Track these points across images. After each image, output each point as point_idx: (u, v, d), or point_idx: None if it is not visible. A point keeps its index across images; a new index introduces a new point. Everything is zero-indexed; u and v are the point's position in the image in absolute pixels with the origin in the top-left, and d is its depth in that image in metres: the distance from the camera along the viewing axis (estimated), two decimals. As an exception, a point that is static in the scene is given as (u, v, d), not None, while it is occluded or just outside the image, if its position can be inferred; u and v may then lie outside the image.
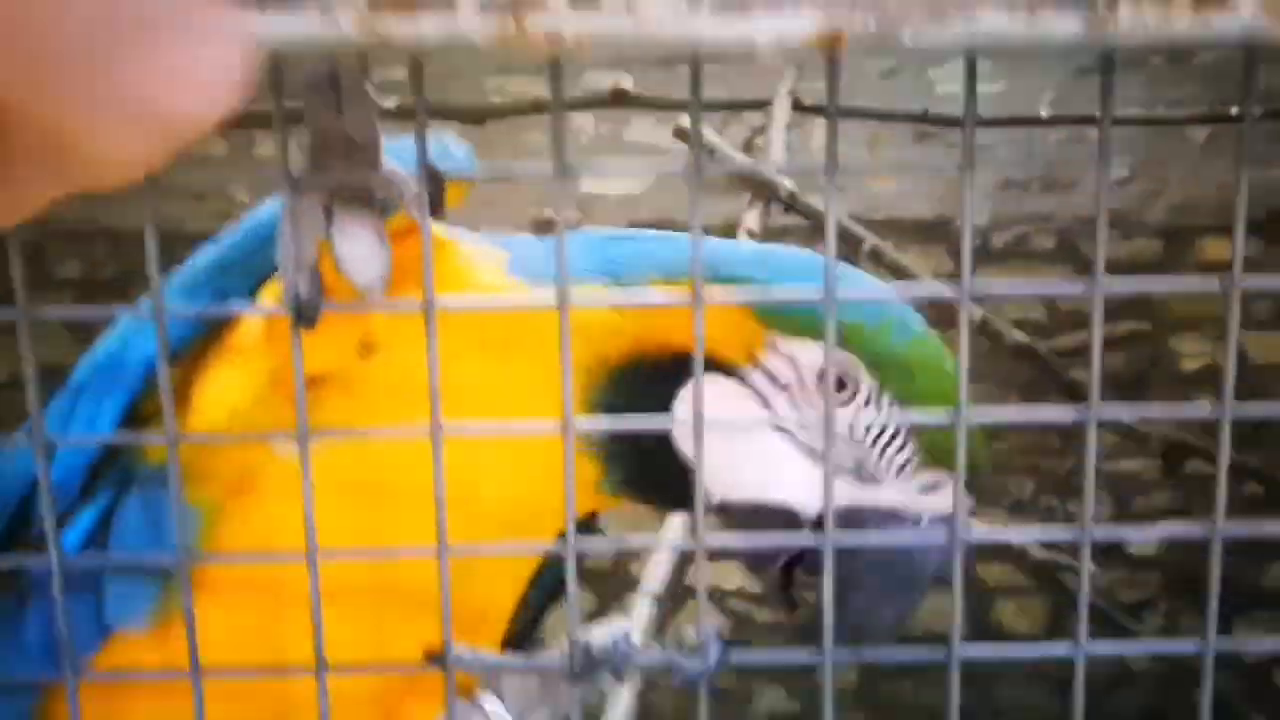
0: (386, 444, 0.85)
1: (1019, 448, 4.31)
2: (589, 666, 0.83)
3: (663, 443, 0.89)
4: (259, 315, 0.90)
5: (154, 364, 0.89)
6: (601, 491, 0.93)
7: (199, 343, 0.94)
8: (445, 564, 0.66)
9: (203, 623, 0.78)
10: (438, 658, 0.70)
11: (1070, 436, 4.25)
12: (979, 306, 3.06)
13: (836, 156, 0.59)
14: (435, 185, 0.77)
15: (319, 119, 0.72)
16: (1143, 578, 4.35)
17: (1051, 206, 4.16)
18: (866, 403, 0.89)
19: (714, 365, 0.87)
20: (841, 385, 0.88)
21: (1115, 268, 0.54)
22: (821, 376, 0.87)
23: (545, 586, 1.04)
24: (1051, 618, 4.40)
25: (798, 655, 0.65)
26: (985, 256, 4.21)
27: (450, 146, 0.95)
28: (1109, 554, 4.32)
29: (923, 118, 3.33)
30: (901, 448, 0.88)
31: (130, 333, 0.94)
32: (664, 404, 0.88)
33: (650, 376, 0.88)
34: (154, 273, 0.62)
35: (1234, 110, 3.12)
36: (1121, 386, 4.14)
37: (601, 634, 0.85)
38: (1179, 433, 3.36)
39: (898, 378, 0.88)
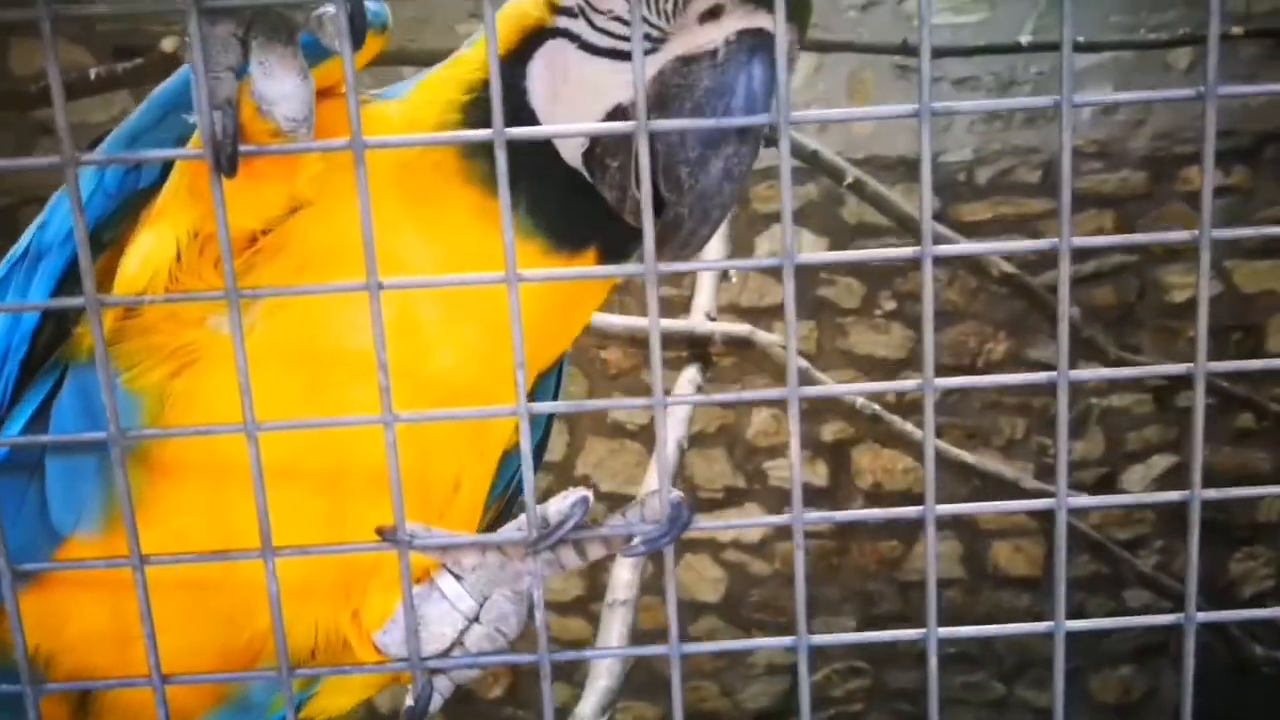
0: (330, 312, 0.83)
1: (1009, 388, 4.26)
2: (548, 538, 0.78)
3: (539, 151, 0.89)
4: (177, 159, 0.84)
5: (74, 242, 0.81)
6: (526, 238, 0.90)
7: (125, 224, 0.89)
8: (392, 433, 0.62)
9: (155, 515, 0.79)
10: (390, 535, 0.68)
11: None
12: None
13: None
14: (357, 21, 0.69)
15: None
16: (1137, 514, 4.33)
17: (1035, 140, 4.07)
18: None
19: (540, 36, 0.91)
20: None
21: (1101, 200, 0.48)
22: None
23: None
24: (1049, 558, 4.38)
25: (767, 519, 0.61)
26: (970, 191, 4.13)
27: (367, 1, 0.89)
28: (1105, 492, 4.29)
29: (902, 49, 3.21)
30: None
31: (51, 215, 0.91)
32: (518, 92, 0.90)
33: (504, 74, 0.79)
34: (62, 123, 0.58)
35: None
36: (1110, 319, 4.09)
37: (560, 504, 0.80)
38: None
39: None
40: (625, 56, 0.87)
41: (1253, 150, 4.06)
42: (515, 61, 0.91)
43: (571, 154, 0.91)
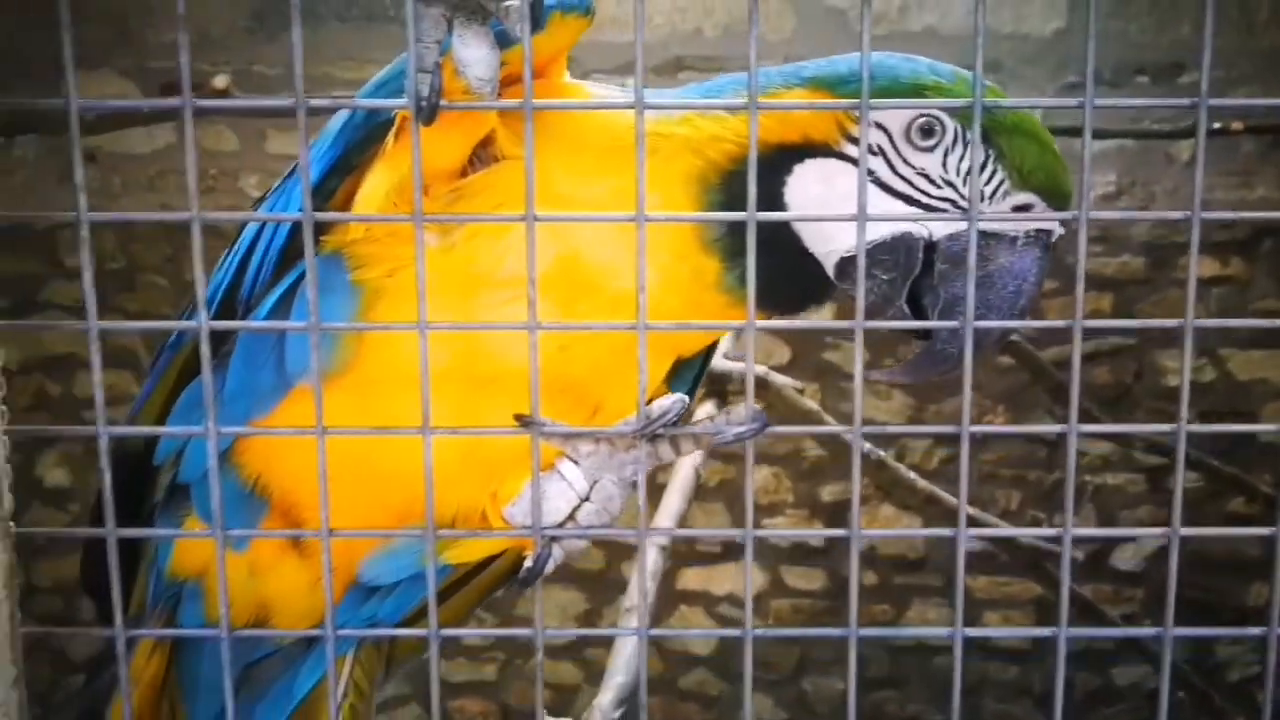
0: (513, 243, 1.00)
1: (1006, 460, 4.29)
2: (649, 428, 0.97)
3: (780, 234, 1.04)
4: (392, 109, 1.02)
5: (328, 167, 1.07)
6: (725, 291, 1.06)
7: (370, 152, 1.07)
8: (534, 341, 0.81)
9: (355, 381, 1.03)
10: (526, 421, 0.88)
11: (1056, 449, 4.22)
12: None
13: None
14: (536, 11, 0.87)
15: None
16: (1128, 593, 4.33)
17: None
18: (953, 144, 1.04)
19: (813, 149, 1.04)
20: (929, 133, 1.03)
21: (1101, 283, 0.52)
22: (909, 131, 1.03)
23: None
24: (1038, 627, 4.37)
25: (823, 531, 0.70)
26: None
27: None
28: (1096, 569, 4.30)
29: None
30: (991, 177, 1.02)
31: (316, 144, 1.09)
32: (773, 194, 1.04)
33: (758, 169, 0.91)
34: (299, 70, 0.73)
35: (1216, 126, 3.11)
36: (1106, 400, 4.12)
37: (661, 403, 0.99)
38: (1159, 452, 3.32)
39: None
40: (918, 204, 1.04)
41: (1250, 242, 4.13)
42: (777, 158, 1.04)
43: (825, 251, 1.05)
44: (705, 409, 2.65)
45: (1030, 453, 4.26)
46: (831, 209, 1.03)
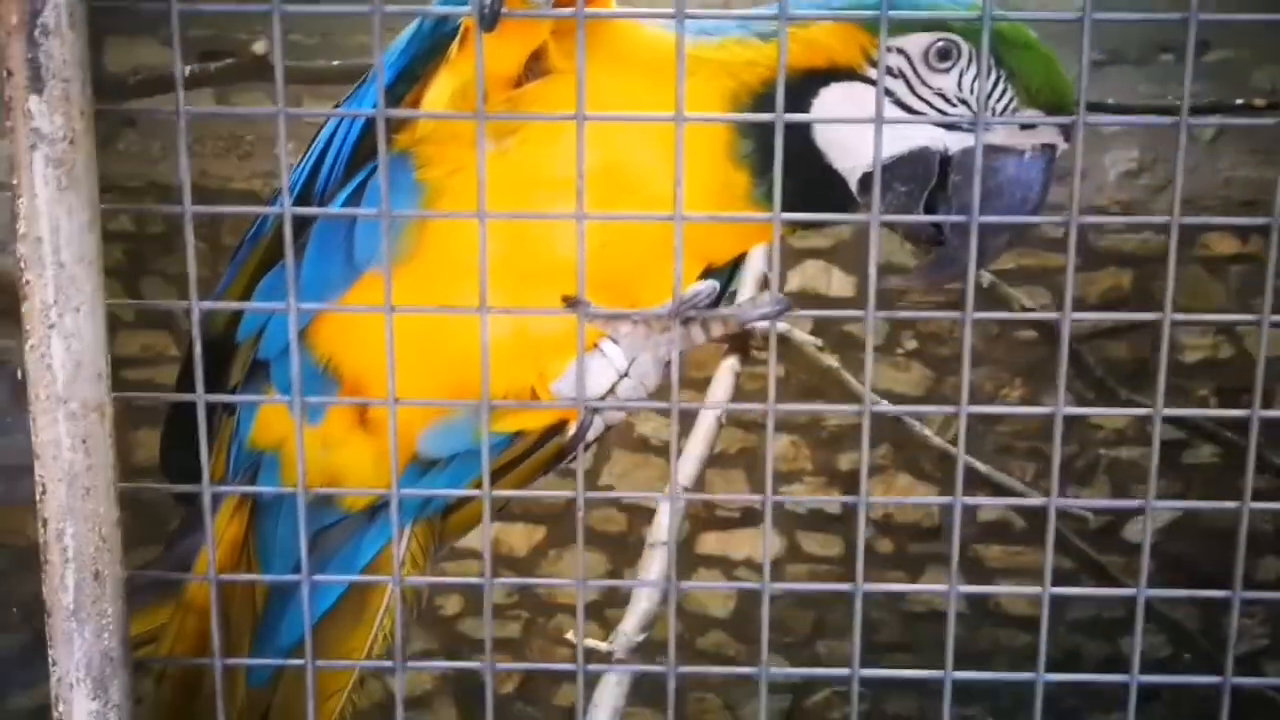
0: (565, 145, 1.06)
1: (1022, 433, 4.33)
2: (682, 309, 1.07)
3: (803, 143, 1.13)
4: (458, 16, 1.11)
5: (397, 74, 1.16)
6: (754, 203, 1.15)
7: (434, 61, 1.16)
8: (582, 230, 0.90)
9: (422, 266, 1.14)
10: (572, 301, 0.99)
11: (1071, 422, 4.26)
12: (989, 276, 3.04)
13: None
14: None
15: None
16: (1136, 564, 4.36)
17: (1059, 196, 4.14)
18: (968, 65, 1.12)
19: (839, 73, 1.13)
20: (946, 55, 1.11)
21: (1121, 259, 0.56)
22: (927, 54, 1.12)
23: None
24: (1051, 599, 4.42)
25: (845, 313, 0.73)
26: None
27: None
28: (1109, 541, 4.34)
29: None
30: (1002, 95, 1.11)
31: (389, 52, 1.17)
32: (801, 113, 1.12)
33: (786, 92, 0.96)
34: None
35: (1239, 102, 3.12)
36: (1125, 375, 4.16)
37: (693, 289, 1.09)
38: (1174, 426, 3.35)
39: (993, 41, 1.04)
40: (939, 124, 1.12)
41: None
42: (804, 83, 1.12)
43: (848, 167, 1.14)
44: (729, 363, 2.70)
45: (1046, 425, 4.27)
46: (855, 129, 1.12)
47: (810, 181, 1.13)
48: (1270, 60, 3.87)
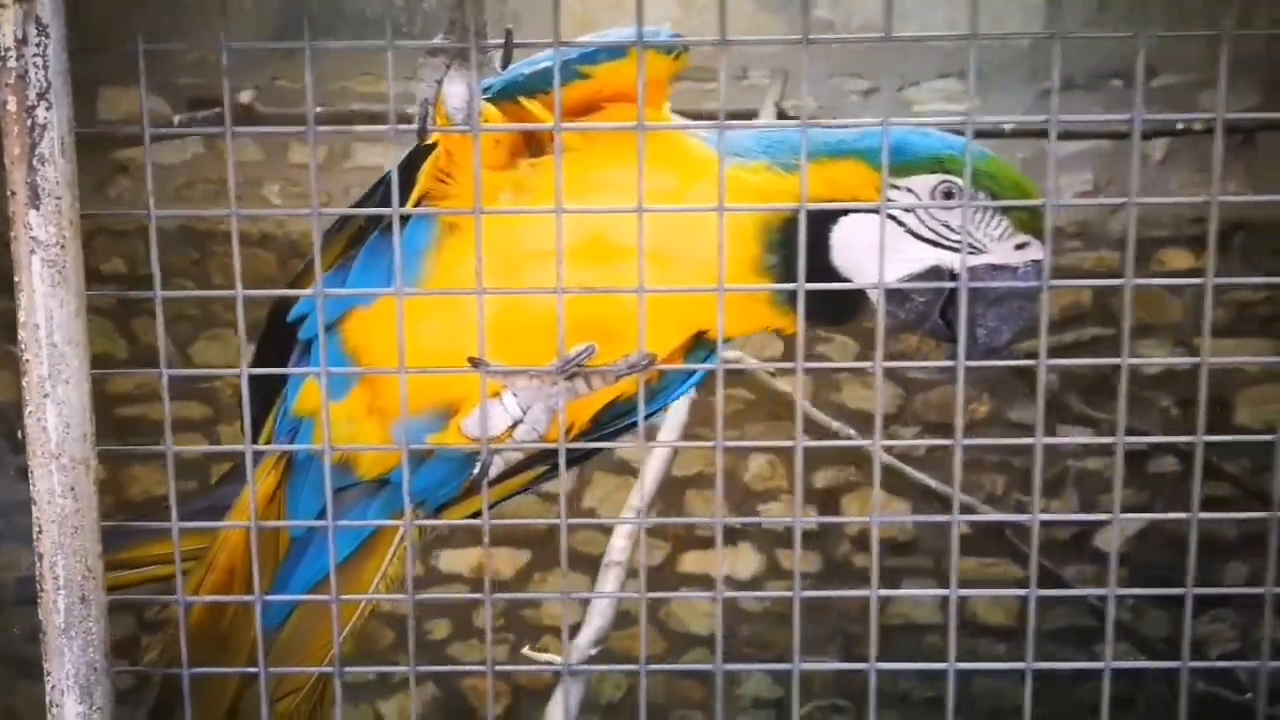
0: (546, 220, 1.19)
1: (990, 448, 4.34)
2: (568, 366, 1.26)
3: (823, 262, 1.29)
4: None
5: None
6: (775, 307, 1.33)
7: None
8: (560, 303, 1.11)
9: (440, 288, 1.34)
10: (476, 362, 1.19)
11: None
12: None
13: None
14: (505, 62, 1.20)
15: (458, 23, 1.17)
16: (1108, 572, 4.36)
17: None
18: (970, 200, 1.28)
19: (856, 206, 1.28)
20: (949, 195, 1.29)
21: (1080, 276, 0.56)
22: (933, 193, 1.30)
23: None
24: (1024, 608, 4.42)
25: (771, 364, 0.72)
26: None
27: (661, 31, 1.31)
28: (1079, 550, 4.34)
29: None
30: (998, 225, 1.29)
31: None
32: (821, 235, 1.29)
33: (809, 221, 1.13)
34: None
35: (1180, 127, 3.15)
36: (1085, 389, 4.17)
37: (576, 349, 1.26)
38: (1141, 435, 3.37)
39: (987, 181, 1.27)
40: (944, 247, 1.29)
41: (1222, 237, 4.18)
42: (828, 211, 1.28)
43: (863, 282, 1.29)
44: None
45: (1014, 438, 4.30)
46: (868, 252, 1.24)
47: (826, 295, 1.28)
48: (1211, 85, 3.92)
